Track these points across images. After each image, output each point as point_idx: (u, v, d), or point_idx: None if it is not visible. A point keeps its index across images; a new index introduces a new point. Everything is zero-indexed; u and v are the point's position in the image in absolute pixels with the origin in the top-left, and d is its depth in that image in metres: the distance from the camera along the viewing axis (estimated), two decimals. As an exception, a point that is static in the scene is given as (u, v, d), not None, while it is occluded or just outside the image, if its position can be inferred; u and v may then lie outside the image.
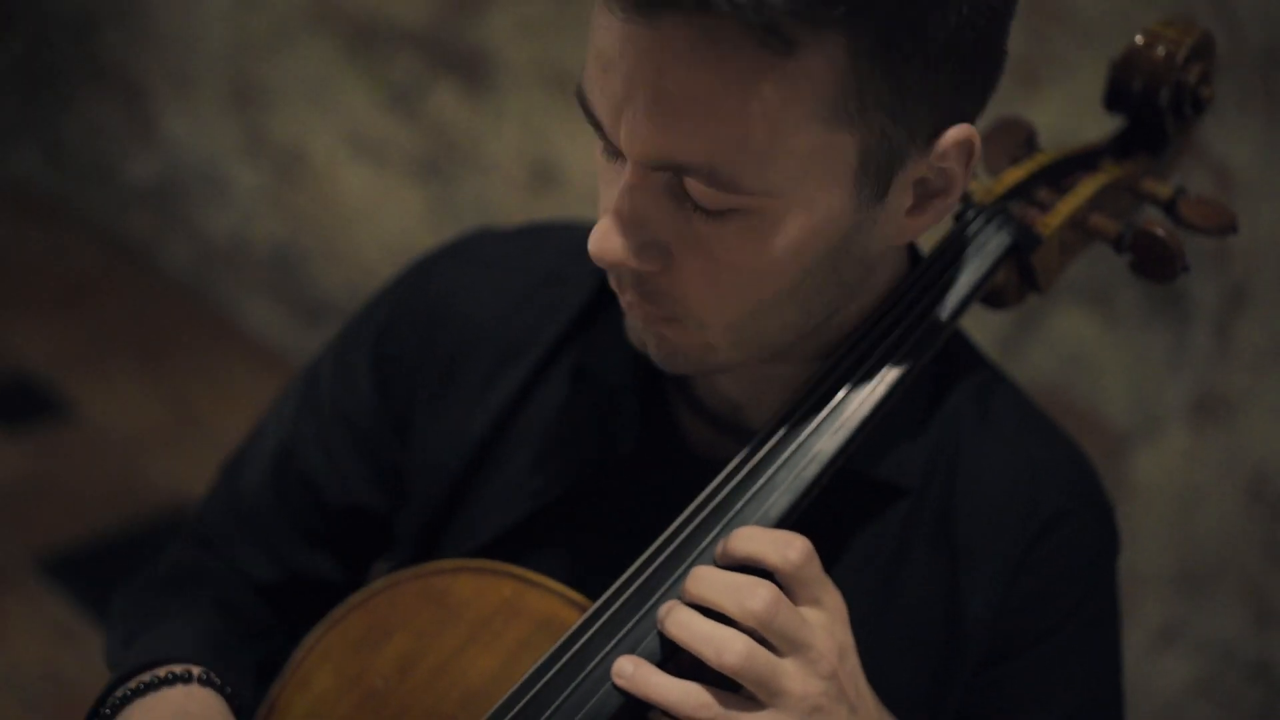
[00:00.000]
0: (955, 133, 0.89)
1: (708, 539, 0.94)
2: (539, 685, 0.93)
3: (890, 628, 1.01)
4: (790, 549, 0.90)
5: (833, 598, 0.92)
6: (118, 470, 3.17)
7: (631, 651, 0.92)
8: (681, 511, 0.96)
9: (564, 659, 0.93)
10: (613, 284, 0.95)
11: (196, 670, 1.04)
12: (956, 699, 1.03)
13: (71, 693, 2.56)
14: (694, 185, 0.85)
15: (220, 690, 1.04)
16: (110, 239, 3.80)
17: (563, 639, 0.94)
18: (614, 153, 0.89)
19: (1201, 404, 2.09)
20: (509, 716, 0.93)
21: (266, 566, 1.20)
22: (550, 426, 1.10)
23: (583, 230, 1.16)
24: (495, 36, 2.84)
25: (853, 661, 0.92)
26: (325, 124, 3.21)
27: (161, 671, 1.04)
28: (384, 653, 1.02)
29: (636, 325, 0.97)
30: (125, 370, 3.44)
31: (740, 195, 0.85)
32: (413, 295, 1.17)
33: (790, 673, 0.88)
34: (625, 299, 0.94)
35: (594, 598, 0.97)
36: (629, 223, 0.88)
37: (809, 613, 0.90)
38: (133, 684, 1.04)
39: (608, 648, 0.93)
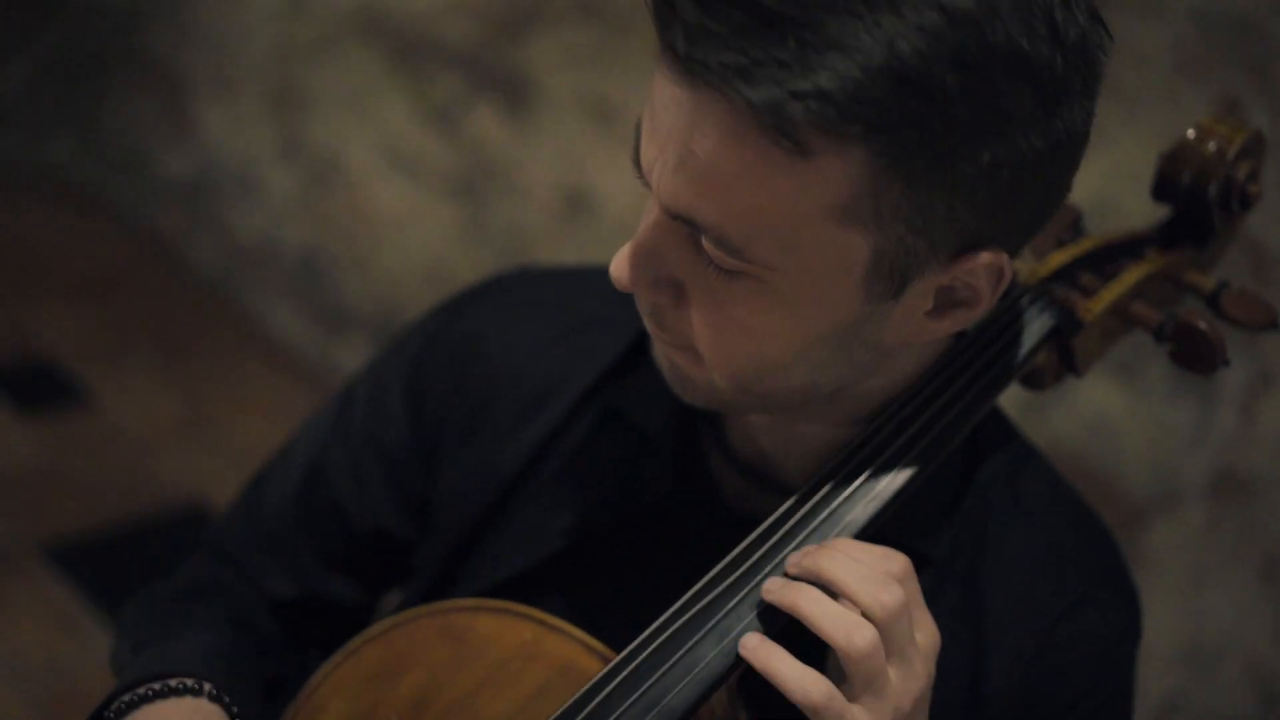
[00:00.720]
0: (987, 257, 0.89)
1: (737, 598, 0.94)
2: None
3: None
4: (894, 563, 0.91)
5: (931, 624, 0.93)
6: (130, 463, 3.17)
7: (654, 708, 0.92)
8: (708, 562, 0.96)
9: (587, 709, 0.93)
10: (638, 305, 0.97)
11: (207, 686, 1.04)
12: None
13: (70, 684, 2.55)
14: (707, 243, 0.88)
15: (228, 710, 1.04)
16: (140, 233, 3.80)
17: (586, 688, 0.94)
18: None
19: (1220, 482, 2.08)
20: None
21: (284, 584, 1.20)
22: (581, 467, 1.10)
23: None
24: (538, 62, 2.84)
25: (927, 702, 0.92)
26: (363, 134, 3.22)
27: (173, 681, 1.04)
28: (399, 688, 1.02)
29: (656, 347, 0.99)
30: (145, 364, 3.45)
31: (746, 263, 0.87)
32: (447, 333, 1.17)
33: (892, 679, 0.89)
34: (645, 322, 0.97)
35: (613, 643, 0.97)
36: (647, 255, 0.92)
37: (917, 634, 0.91)
38: (142, 690, 1.04)
39: (630, 700, 0.92)
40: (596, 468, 1.10)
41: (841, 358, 0.93)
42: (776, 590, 0.91)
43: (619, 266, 0.92)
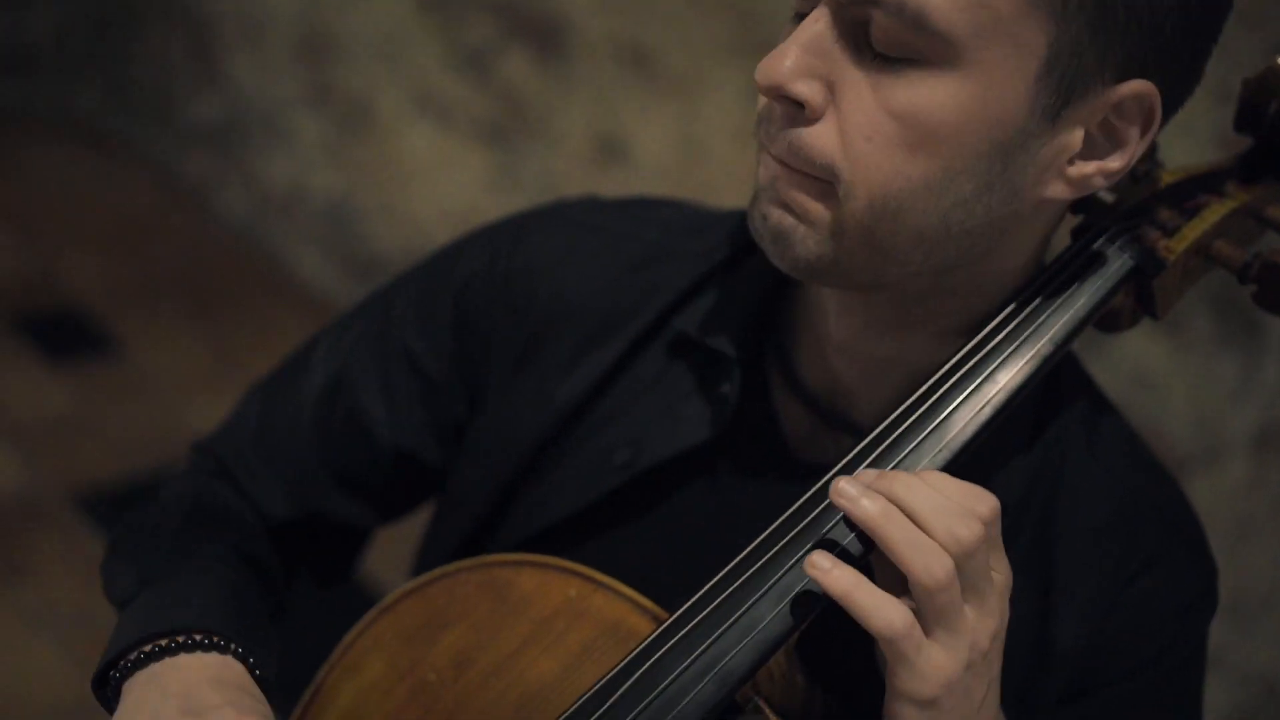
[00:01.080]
0: (1139, 85, 0.88)
1: (800, 553, 0.90)
2: (612, 699, 0.90)
3: None
4: (982, 503, 0.87)
5: (1005, 563, 0.89)
6: (160, 412, 3.17)
7: (710, 671, 0.89)
8: (766, 509, 0.92)
9: (638, 672, 0.90)
10: (760, 138, 0.92)
11: (233, 645, 1.00)
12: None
13: (101, 633, 2.54)
14: (880, 21, 0.84)
15: (251, 669, 1.00)
16: (168, 179, 3.78)
17: (637, 650, 0.91)
18: (801, 16, 0.90)
19: (1265, 435, 2.05)
20: None
21: (283, 502, 1.15)
22: (641, 403, 1.06)
23: (691, 210, 1.14)
24: (572, 6, 2.80)
25: (1003, 641, 0.89)
26: (393, 80, 3.19)
27: (198, 635, 1.00)
28: (439, 645, 0.99)
29: (765, 195, 0.93)
30: (174, 312, 3.44)
31: (925, 35, 0.84)
32: (505, 257, 1.12)
33: (969, 617, 0.86)
34: (766, 160, 0.92)
35: (662, 593, 0.94)
36: (805, 49, 0.88)
37: (995, 576, 0.88)
38: (163, 642, 0.99)
39: (684, 663, 0.89)
40: (657, 403, 1.06)
41: (983, 198, 0.89)
42: (852, 498, 0.86)
43: (772, 60, 0.87)
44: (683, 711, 0.88)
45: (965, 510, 0.85)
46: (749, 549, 0.91)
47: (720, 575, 0.91)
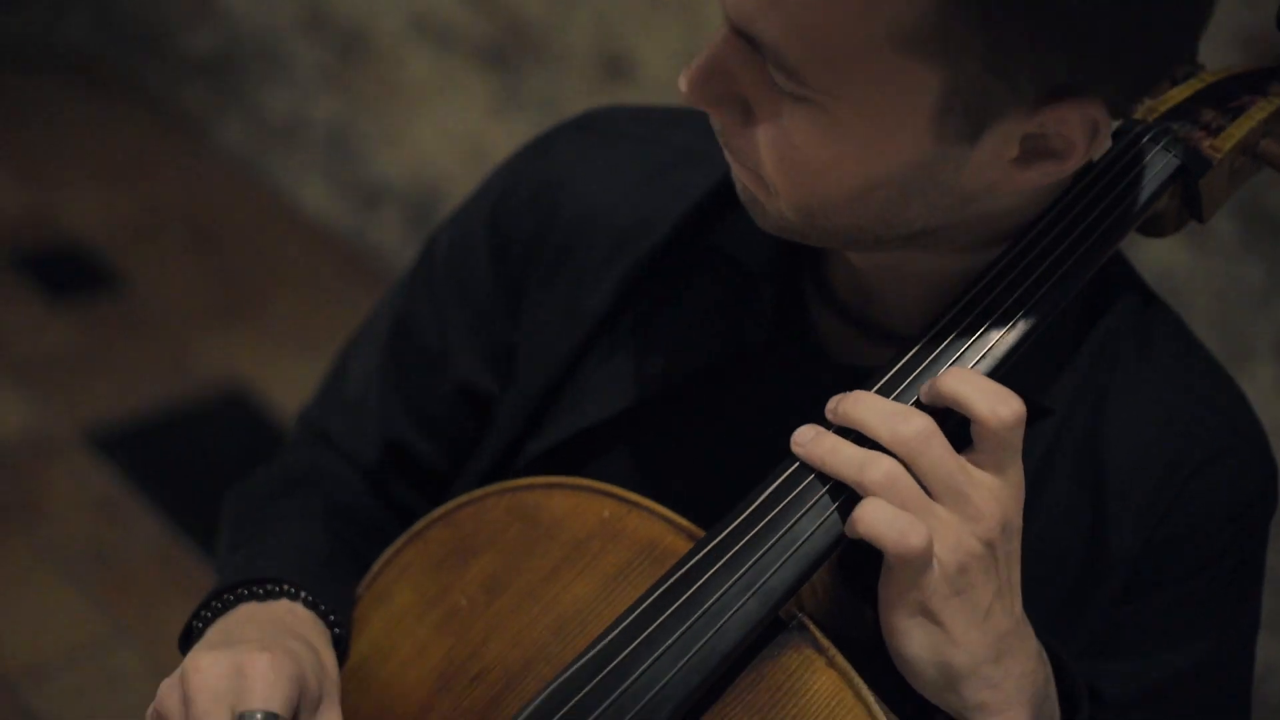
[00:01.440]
0: (1079, 108, 0.82)
1: None
2: (652, 619, 0.87)
3: (1025, 549, 0.93)
4: (1004, 405, 0.84)
5: (1017, 475, 0.86)
6: (167, 347, 3.15)
7: (753, 588, 0.86)
8: (804, 418, 0.89)
9: (678, 592, 0.87)
10: None
11: (303, 593, 1.01)
12: (1086, 630, 0.98)
13: (116, 570, 2.54)
14: (769, 64, 0.83)
15: (323, 616, 1.01)
16: (165, 112, 3.74)
17: (674, 569, 0.88)
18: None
19: (1291, 339, 2.03)
20: (621, 654, 0.87)
21: (376, 449, 1.16)
22: (671, 310, 1.04)
23: None
24: (572, -79, 2.76)
25: (1015, 545, 0.86)
26: (391, 3, 3.14)
27: (269, 585, 1.01)
28: (469, 571, 0.97)
29: (732, 170, 0.93)
30: (177, 246, 3.40)
31: (806, 88, 0.82)
32: (532, 169, 1.11)
33: (943, 519, 0.83)
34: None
35: (696, 507, 0.92)
36: (713, 71, 0.86)
37: (983, 475, 0.85)
38: (235, 593, 1.01)
39: (725, 582, 0.87)
40: (687, 310, 1.03)
41: (915, 201, 0.87)
42: (800, 443, 0.86)
43: (686, 80, 0.87)
44: (725, 629, 0.86)
45: (906, 410, 0.85)
46: (789, 462, 0.88)
47: (759, 489, 0.88)
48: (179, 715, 0.89)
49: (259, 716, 0.88)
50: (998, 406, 0.83)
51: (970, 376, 0.85)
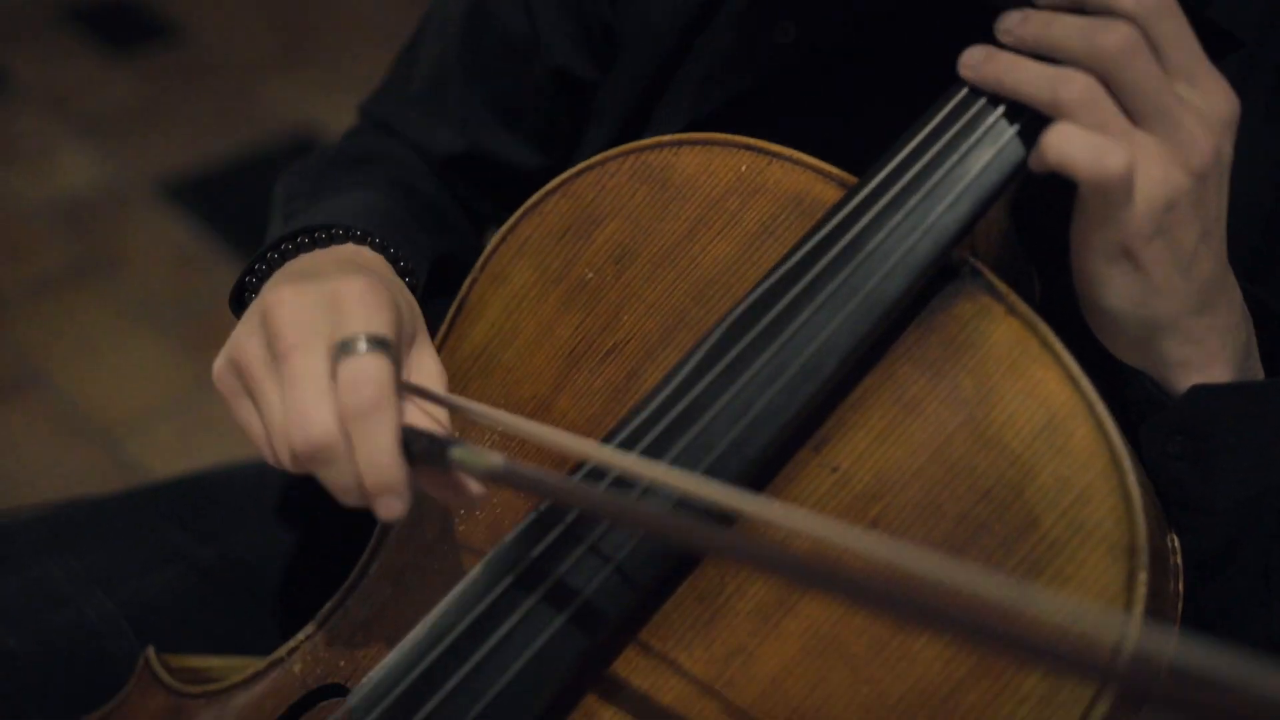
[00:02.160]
0: None
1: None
2: (815, 269, 0.77)
3: None
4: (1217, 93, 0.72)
5: (1217, 85, 0.73)
6: (230, 95, 3.06)
7: (921, 226, 0.76)
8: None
9: (835, 240, 0.77)
10: None
11: (371, 239, 0.90)
12: (1273, 287, 0.88)
13: (201, 317, 2.50)
14: None
15: (393, 259, 0.90)
16: None
17: (830, 216, 0.78)
18: None
19: None
20: (777, 305, 0.78)
21: (451, 138, 1.07)
22: None
23: None
24: None
25: (1225, 177, 0.75)
26: None
27: (336, 230, 0.89)
28: (594, 242, 0.88)
29: None
30: (231, -8, 3.30)
31: None
32: None
33: (1147, 146, 0.72)
34: None
35: (853, 161, 0.81)
36: None
37: (1183, 89, 0.73)
38: (297, 240, 0.89)
39: (890, 223, 0.76)
40: None
41: None
42: (970, 64, 0.75)
43: None
44: (892, 273, 0.76)
45: (1106, 21, 0.71)
46: (955, 88, 0.77)
47: (918, 125, 0.78)
48: (262, 361, 0.74)
49: (363, 342, 0.73)
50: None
51: None
